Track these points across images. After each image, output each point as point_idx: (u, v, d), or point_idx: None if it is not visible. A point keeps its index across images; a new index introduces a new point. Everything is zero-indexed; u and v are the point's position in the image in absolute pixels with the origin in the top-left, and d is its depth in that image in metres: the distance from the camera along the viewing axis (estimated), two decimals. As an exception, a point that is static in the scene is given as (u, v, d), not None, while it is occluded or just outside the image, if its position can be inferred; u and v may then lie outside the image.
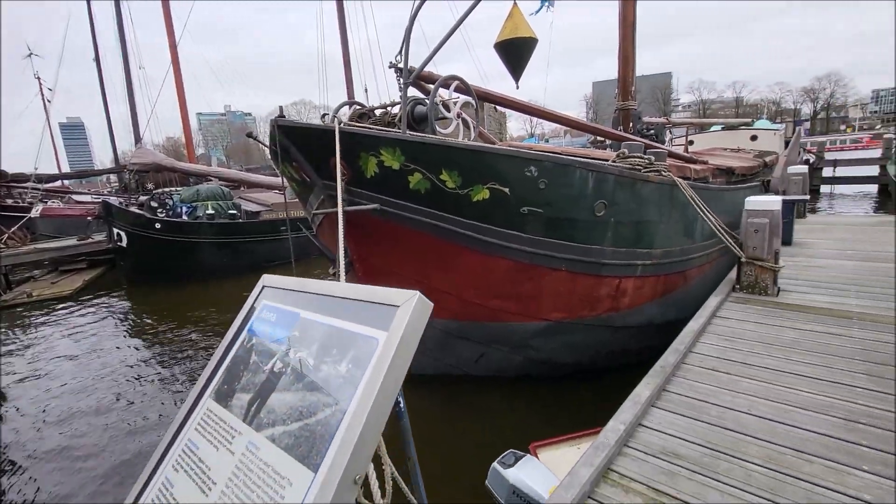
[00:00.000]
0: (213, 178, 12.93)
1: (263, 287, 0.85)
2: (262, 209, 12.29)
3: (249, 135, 5.74)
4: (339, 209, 3.14)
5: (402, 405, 0.66)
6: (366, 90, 16.04)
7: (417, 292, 0.70)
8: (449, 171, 3.73)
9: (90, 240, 12.32)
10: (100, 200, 12.71)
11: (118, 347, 7.06)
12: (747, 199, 4.49)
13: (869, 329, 3.45)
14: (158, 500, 0.67)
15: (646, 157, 4.37)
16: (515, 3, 3.94)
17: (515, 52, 4.12)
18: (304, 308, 0.75)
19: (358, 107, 5.59)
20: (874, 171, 16.82)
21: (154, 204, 11.19)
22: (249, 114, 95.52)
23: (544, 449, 3.10)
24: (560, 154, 4.39)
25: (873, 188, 17.20)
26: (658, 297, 4.93)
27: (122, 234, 10.34)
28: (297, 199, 5.94)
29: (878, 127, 63.97)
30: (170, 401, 5.20)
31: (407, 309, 0.65)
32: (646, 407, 2.59)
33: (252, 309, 0.82)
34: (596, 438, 2.35)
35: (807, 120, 61.30)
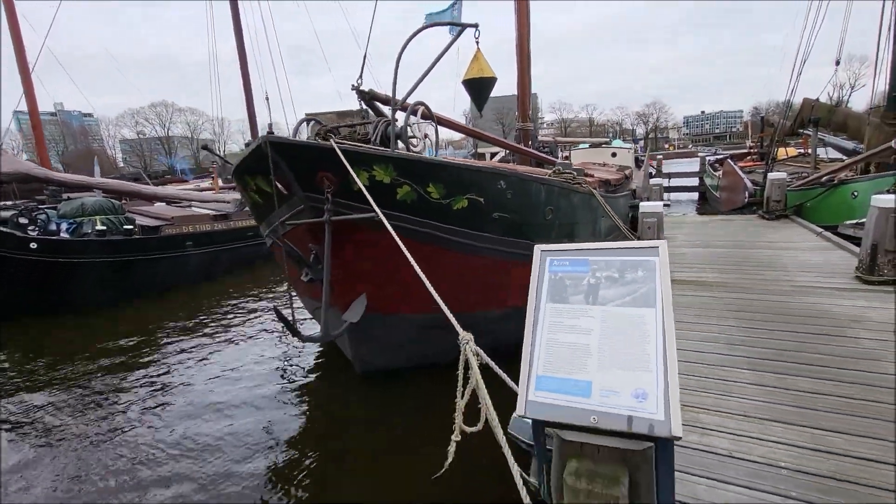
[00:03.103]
0: (96, 191, 11.40)
1: (541, 251, 1.53)
2: (161, 223, 11.25)
3: (205, 147, 5.68)
4: (382, 216, 3.47)
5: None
6: (267, 98, 15.56)
7: (664, 241, 1.44)
8: (435, 184, 4.43)
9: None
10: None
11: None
12: (641, 204, 6.01)
13: (724, 291, 5.05)
14: (549, 347, 1.30)
15: (573, 171, 5.61)
16: (478, 48, 4.84)
17: (480, 88, 5.02)
18: (587, 256, 1.44)
19: (314, 122, 5.93)
20: (696, 181, 21.60)
21: (23, 220, 9.56)
22: (90, 115, 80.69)
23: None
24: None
25: (695, 195, 22.04)
26: (582, 283, 6.22)
27: (-18, 256, 8.70)
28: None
29: (690, 146, 79.97)
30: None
31: (663, 247, 1.39)
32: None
33: (542, 263, 1.49)
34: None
35: (642, 139, 74.03)
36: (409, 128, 4.96)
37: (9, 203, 12.70)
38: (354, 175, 3.85)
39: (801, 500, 2.11)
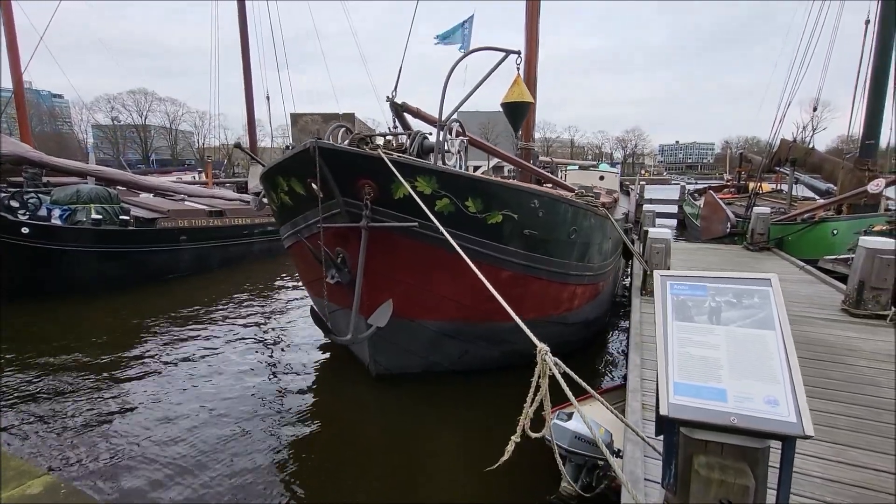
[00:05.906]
0: (89, 178, 11.07)
1: (660, 276, 1.76)
2: (157, 216, 11.02)
3: (237, 146, 5.72)
4: (441, 230, 3.66)
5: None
6: (267, 97, 15.50)
7: (775, 274, 1.69)
8: (474, 198, 4.64)
9: None
10: None
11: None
12: (649, 230, 6.38)
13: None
14: (682, 359, 1.52)
15: (592, 195, 5.94)
16: (518, 74, 5.13)
17: (518, 111, 5.31)
18: (704, 283, 1.67)
19: (345, 129, 6.05)
20: (675, 209, 22.58)
21: (14, 203, 9.23)
22: (60, 95, 76.82)
23: (568, 409, 4.19)
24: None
25: (674, 221, 23.01)
26: (591, 300, 6.53)
27: (-30, 239, 8.35)
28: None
29: (664, 173, 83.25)
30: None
31: (776, 279, 1.64)
32: (641, 367, 3.91)
33: (664, 286, 1.72)
34: (609, 393, 3.56)
35: (619, 163, 76.60)
36: (445, 143, 5.17)
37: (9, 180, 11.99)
38: (407, 185, 4.02)
39: (836, 503, 2.39)
